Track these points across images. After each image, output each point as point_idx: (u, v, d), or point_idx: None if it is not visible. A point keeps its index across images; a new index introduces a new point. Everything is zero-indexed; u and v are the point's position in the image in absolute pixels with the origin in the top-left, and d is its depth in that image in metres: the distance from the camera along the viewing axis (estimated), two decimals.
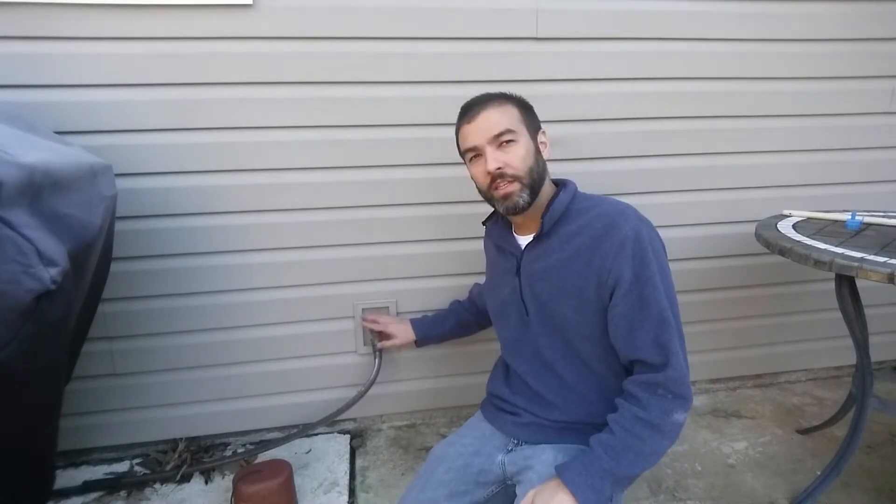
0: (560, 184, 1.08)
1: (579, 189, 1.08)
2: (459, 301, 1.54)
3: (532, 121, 1.06)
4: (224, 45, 1.40)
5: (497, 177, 0.99)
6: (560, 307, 1.02)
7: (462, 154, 1.08)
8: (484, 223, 1.21)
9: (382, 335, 1.53)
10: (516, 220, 1.09)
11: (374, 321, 1.54)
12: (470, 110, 1.03)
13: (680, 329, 0.95)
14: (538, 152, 1.04)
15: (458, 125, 1.06)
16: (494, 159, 0.98)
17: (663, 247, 0.99)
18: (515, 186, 0.99)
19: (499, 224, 1.17)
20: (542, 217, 1.02)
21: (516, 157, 0.99)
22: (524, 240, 1.07)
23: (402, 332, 1.48)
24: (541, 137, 1.06)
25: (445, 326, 1.49)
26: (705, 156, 1.71)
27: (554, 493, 0.88)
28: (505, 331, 1.16)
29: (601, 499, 0.88)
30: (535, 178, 1.01)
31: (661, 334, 0.92)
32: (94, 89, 1.37)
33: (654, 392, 0.91)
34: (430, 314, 1.55)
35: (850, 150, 1.79)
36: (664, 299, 0.93)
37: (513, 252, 1.09)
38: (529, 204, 1.01)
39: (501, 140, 0.99)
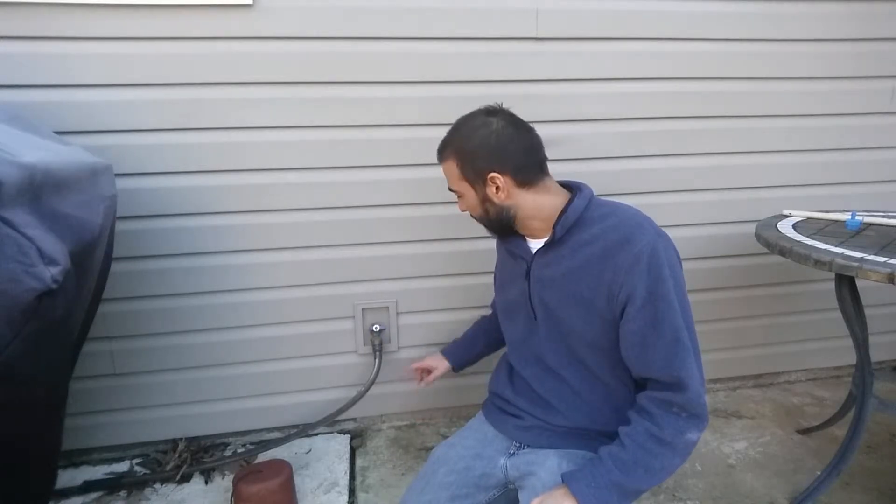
0: (574, 188, 1.04)
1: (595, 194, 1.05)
2: (486, 319, 1.42)
3: (474, 169, 1.00)
4: (224, 45, 1.40)
5: None
6: (567, 315, 1.00)
7: None
8: None
9: (423, 372, 1.42)
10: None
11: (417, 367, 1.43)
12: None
13: (696, 347, 0.92)
14: (488, 200, 1.01)
15: None
16: (459, 204, 1.09)
17: (679, 261, 0.96)
18: (480, 223, 1.09)
19: None
20: (555, 225, 0.99)
21: (465, 208, 1.08)
22: (535, 244, 1.06)
23: (439, 363, 1.39)
24: (491, 183, 0.99)
25: (477, 348, 1.40)
26: (705, 156, 1.71)
27: (560, 501, 0.88)
28: (512, 331, 1.15)
29: None
30: (493, 220, 1.04)
31: (676, 354, 0.89)
32: (94, 89, 1.37)
33: (669, 410, 0.90)
34: (458, 338, 1.43)
35: (850, 150, 1.79)
36: (679, 317, 0.90)
37: (523, 256, 1.07)
38: (498, 233, 1.09)
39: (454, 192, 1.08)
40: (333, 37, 1.44)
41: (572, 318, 1.00)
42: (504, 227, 1.05)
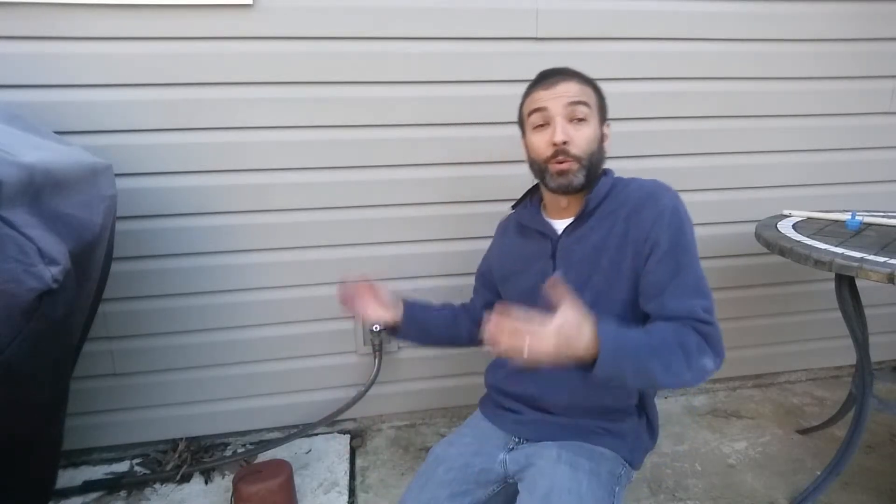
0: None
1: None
2: (455, 306, 1.31)
3: (604, 109, 1.05)
4: (224, 45, 1.40)
5: (560, 151, 0.98)
6: (596, 285, 1.00)
7: (524, 120, 1.06)
8: (513, 207, 1.20)
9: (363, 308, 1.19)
10: (560, 201, 1.06)
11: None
12: (550, 77, 1.01)
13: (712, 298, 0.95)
14: (601, 141, 1.04)
15: (531, 89, 1.04)
16: (563, 131, 0.97)
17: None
18: (574, 166, 0.98)
19: (528, 208, 1.14)
20: (587, 196, 1.02)
21: (583, 137, 0.99)
22: (560, 223, 1.06)
23: (387, 312, 1.17)
24: (605, 130, 1.06)
25: (432, 317, 1.25)
26: (705, 156, 1.71)
27: (582, 323, 0.82)
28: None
29: (614, 370, 0.84)
30: (594, 164, 1.01)
31: (698, 299, 0.92)
32: (94, 89, 1.37)
33: (695, 330, 0.90)
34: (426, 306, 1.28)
35: (850, 150, 1.79)
36: (700, 268, 0.96)
37: (547, 234, 1.07)
38: (583, 186, 1.01)
39: (575, 115, 0.98)
40: (333, 37, 1.44)
41: (600, 286, 0.99)
42: (590, 174, 1.01)
